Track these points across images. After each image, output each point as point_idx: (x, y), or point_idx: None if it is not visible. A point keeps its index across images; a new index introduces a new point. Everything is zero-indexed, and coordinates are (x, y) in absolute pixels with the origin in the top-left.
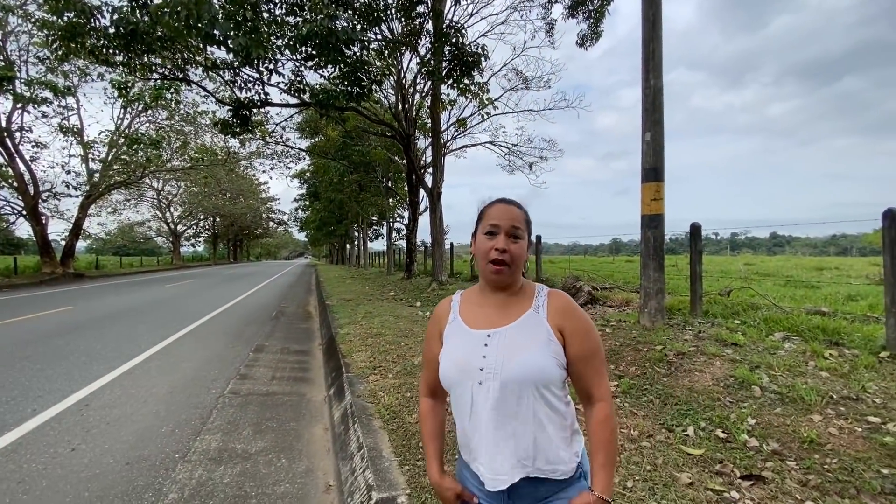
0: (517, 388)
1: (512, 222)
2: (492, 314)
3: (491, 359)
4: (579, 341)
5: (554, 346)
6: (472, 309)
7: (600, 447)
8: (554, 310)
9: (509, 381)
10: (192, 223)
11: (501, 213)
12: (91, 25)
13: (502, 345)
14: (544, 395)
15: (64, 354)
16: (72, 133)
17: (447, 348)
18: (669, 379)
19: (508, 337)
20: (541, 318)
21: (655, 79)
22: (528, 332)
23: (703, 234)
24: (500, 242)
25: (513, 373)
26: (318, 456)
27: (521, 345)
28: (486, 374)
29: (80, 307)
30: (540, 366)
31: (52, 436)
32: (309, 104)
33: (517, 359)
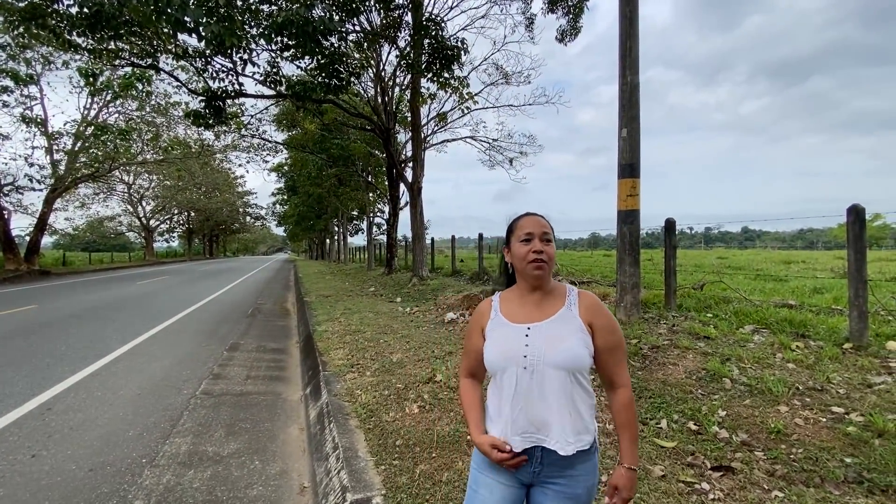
0: (556, 372)
1: (542, 229)
2: (530, 311)
3: (533, 348)
4: (606, 335)
5: (585, 338)
6: (511, 307)
7: (626, 427)
8: (584, 307)
9: (552, 367)
10: (166, 218)
11: (533, 223)
12: (53, 8)
13: (542, 336)
14: (578, 378)
15: (25, 356)
16: (35, 123)
17: (492, 340)
18: (644, 372)
19: (547, 330)
20: (573, 314)
21: (632, 75)
22: (564, 326)
23: (677, 229)
24: (536, 245)
25: (556, 359)
26: (293, 457)
27: (560, 336)
28: (530, 360)
29: (45, 306)
30: (578, 354)
31: (12, 442)
32: (285, 96)
33: (559, 347)
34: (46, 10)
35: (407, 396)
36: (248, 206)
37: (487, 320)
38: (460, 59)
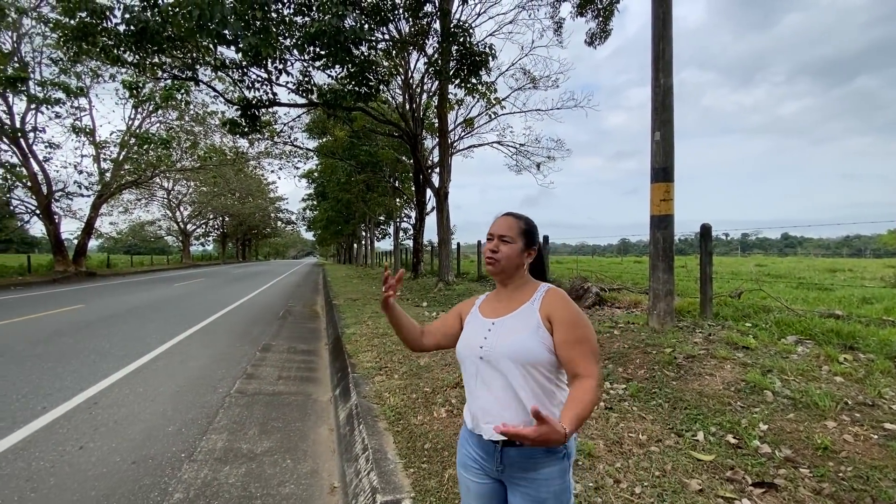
0: (506, 363)
1: (501, 231)
2: (499, 307)
3: (490, 340)
4: (565, 329)
5: (542, 332)
6: (488, 303)
7: (578, 400)
8: (547, 303)
9: (501, 358)
10: (202, 222)
11: (498, 224)
12: (102, 25)
13: (500, 330)
14: (531, 372)
15: (74, 353)
16: (84, 133)
17: (464, 332)
18: (679, 382)
19: (506, 324)
20: (534, 309)
21: (665, 78)
22: (521, 320)
23: (713, 235)
24: (492, 245)
25: (503, 350)
26: (324, 457)
27: (514, 329)
28: (485, 351)
29: (91, 305)
30: (526, 346)
31: (61, 434)
32: (317, 104)
33: (508, 340)
34: (96, 27)
35: (435, 400)
36: (280, 212)
37: (468, 313)
38: (488, 65)
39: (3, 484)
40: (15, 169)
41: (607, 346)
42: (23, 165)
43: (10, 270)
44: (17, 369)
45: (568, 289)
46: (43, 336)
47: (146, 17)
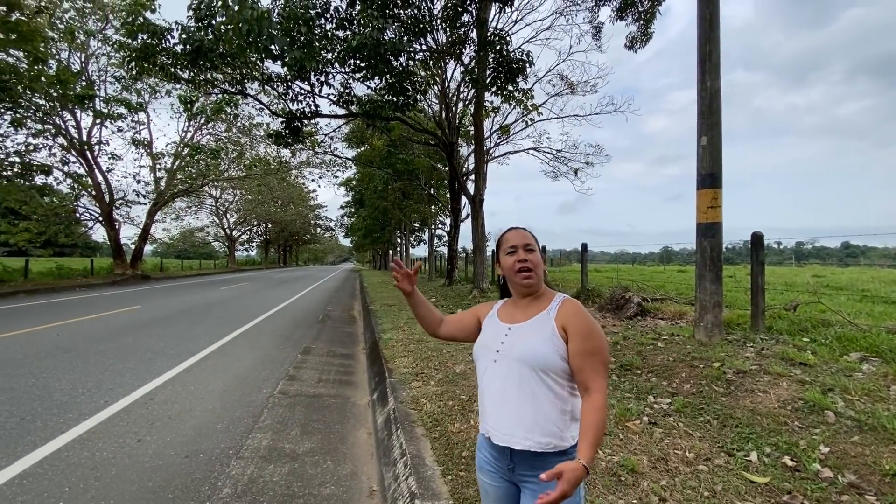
0: (519, 367)
1: (524, 241)
2: (517, 314)
3: (506, 344)
4: (579, 340)
5: (556, 340)
6: (506, 310)
7: (590, 429)
8: (563, 313)
9: (514, 361)
10: (246, 229)
11: (515, 236)
12: (162, 46)
13: (516, 334)
14: (544, 378)
15: (132, 350)
16: (142, 145)
17: (482, 334)
18: (729, 399)
19: (522, 329)
20: (550, 317)
21: (712, 80)
22: (536, 327)
23: (764, 244)
24: (520, 255)
25: (517, 354)
26: (362, 460)
27: (529, 335)
28: (500, 354)
29: (146, 307)
30: (539, 352)
31: (122, 426)
32: (356, 115)
33: (524, 343)
34: (156, 48)
35: (472, 408)
36: (319, 219)
37: (486, 315)
38: (525, 72)
39: (72, 472)
40: (82, 179)
41: (650, 359)
42: (88, 176)
43: (76, 273)
44: (83, 365)
45: (608, 298)
46: (105, 334)
47: (201, 37)
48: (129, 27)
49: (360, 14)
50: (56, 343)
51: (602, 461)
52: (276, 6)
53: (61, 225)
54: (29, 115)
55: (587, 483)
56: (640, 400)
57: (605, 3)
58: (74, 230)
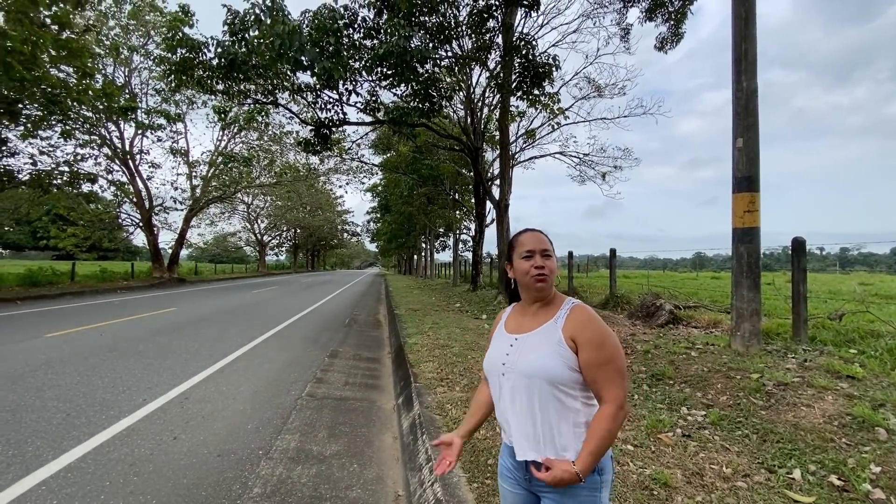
0: (526, 381)
1: (542, 245)
2: (524, 322)
3: (511, 357)
4: (590, 350)
5: (563, 351)
6: (514, 318)
7: (593, 435)
8: (571, 322)
9: (521, 375)
10: (276, 234)
11: (532, 240)
12: (198, 59)
13: (522, 347)
14: (553, 391)
15: (169, 351)
16: (180, 154)
17: (489, 349)
18: (769, 412)
19: (528, 341)
20: (557, 327)
21: (748, 80)
22: (542, 338)
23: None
24: (537, 261)
25: (523, 368)
26: (388, 464)
27: (534, 347)
28: (507, 368)
29: (182, 309)
30: (544, 365)
31: (158, 424)
32: (383, 122)
33: (527, 358)
34: (194, 61)
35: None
36: (346, 224)
37: (495, 330)
38: (551, 76)
39: (112, 467)
40: (124, 186)
41: (683, 369)
42: (130, 183)
43: (118, 276)
44: (123, 364)
45: (638, 305)
46: (144, 335)
47: (235, 50)
48: (168, 42)
49: (386, 23)
50: (99, 342)
51: (633, 474)
52: (306, 19)
53: (105, 230)
54: (77, 127)
55: (618, 496)
56: (672, 411)
57: (634, 5)
58: (117, 235)
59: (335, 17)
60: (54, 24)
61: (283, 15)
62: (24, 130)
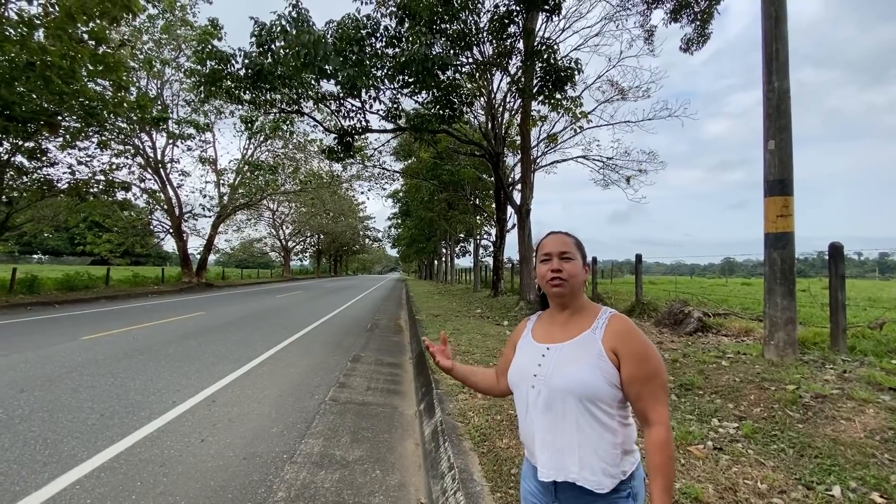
0: (561, 396)
1: (561, 248)
2: (555, 331)
3: (544, 368)
4: (634, 364)
5: (604, 364)
6: (541, 326)
7: (658, 471)
8: (611, 332)
9: (555, 390)
10: (301, 240)
11: (552, 242)
12: (227, 70)
13: (556, 358)
14: (590, 408)
15: (197, 354)
16: (208, 163)
17: (516, 357)
18: (806, 426)
19: (563, 352)
20: (596, 338)
21: (780, 80)
22: (580, 350)
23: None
24: (554, 264)
25: (558, 382)
26: (410, 471)
27: (572, 359)
28: (538, 379)
29: (210, 313)
30: (584, 380)
31: (187, 426)
32: (405, 129)
33: (564, 370)
34: (222, 73)
35: None
36: (367, 230)
37: (520, 337)
38: (573, 80)
39: (143, 467)
40: (156, 194)
41: (714, 379)
42: (161, 191)
43: (149, 280)
44: (155, 366)
45: (665, 312)
46: (174, 338)
47: (261, 61)
48: (199, 55)
49: (408, 31)
50: (132, 345)
51: None
52: (330, 29)
53: (138, 236)
54: (112, 138)
55: None
56: (702, 423)
57: (658, 6)
58: (148, 241)
59: (358, 26)
60: (91, 40)
61: (308, 26)
62: (63, 141)
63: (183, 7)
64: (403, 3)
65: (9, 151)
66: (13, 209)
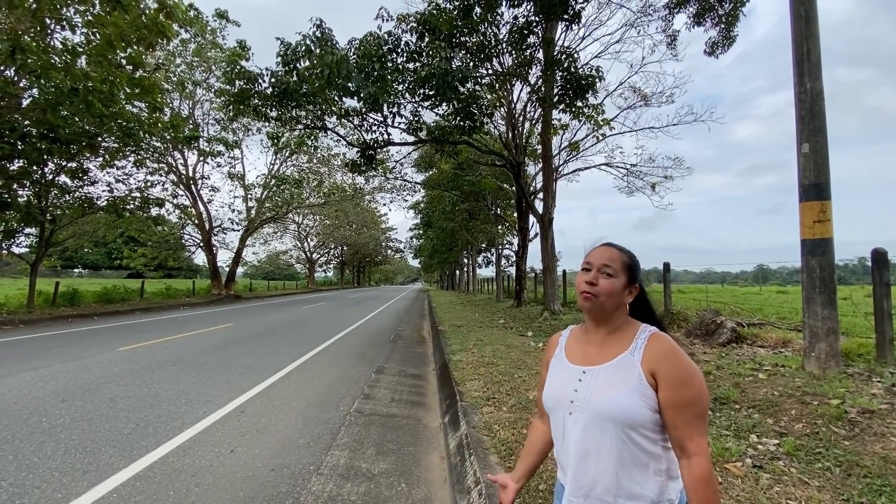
0: (600, 423)
1: (603, 261)
2: (591, 352)
3: (581, 393)
4: (672, 389)
5: (644, 389)
6: (576, 345)
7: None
8: (650, 354)
9: (594, 417)
10: (325, 252)
11: (596, 254)
12: (255, 89)
13: (594, 382)
14: (631, 435)
15: (226, 365)
16: (237, 178)
17: (549, 378)
18: (853, 443)
19: (601, 376)
20: (635, 360)
21: (812, 81)
22: (619, 373)
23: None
24: (590, 276)
25: (598, 409)
26: (435, 485)
27: (611, 384)
28: (576, 406)
29: (238, 324)
30: (624, 407)
31: (217, 436)
32: (426, 141)
33: (604, 397)
34: (250, 91)
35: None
36: (390, 241)
37: (552, 356)
38: (595, 88)
39: (176, 477)
40: (187, 209)
41: (750, 392)
42: (192, 206)
43: (181, 293)
44: (186, 377)
45: (696, 323)
46: (204, 349)
47: (287, 80)
48: (228, 75)
49: (428, 46)
50: (165, 356)
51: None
52: (353, 47)
53: (170, 250)
54: (147, 157)
55: None
56: (740, 439)
57: (681, 10)
58: (180, 254)
59: (380, 43)
60: (129, 65)
61: (332, 45)
62: (102, 161)
63: (213, 31)
64: (424, 19)
65: (53, 172)
66: (56, 226)
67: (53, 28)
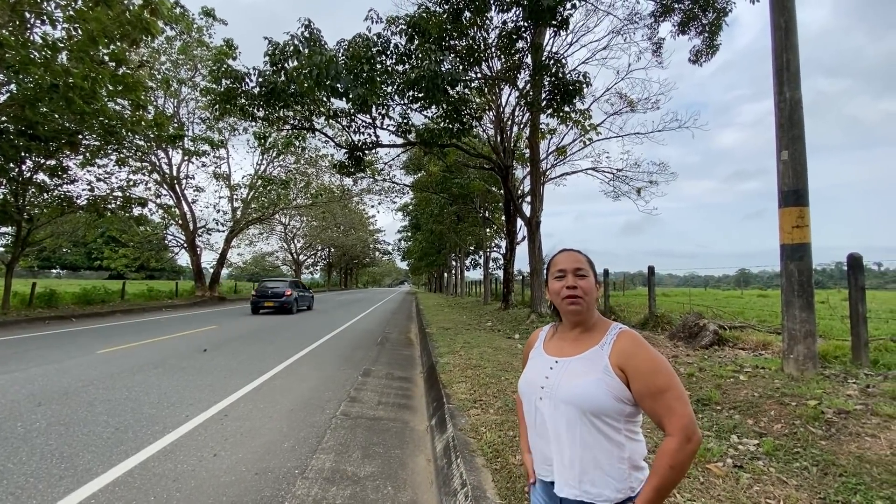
0: (566, 409)
1: (575, 265)
2: (565, 346)
3: (552, 380)
4: (644, 379)
5: (610, 380)
6: (553, 340)
7: (655, 471)
8: (618, 350)
9: (560, 402)
10: (312, 253)
11: (566, 259)
12: (241, 89)
13: (563, 371)
14: (594, 422)
15: (209, 368)
16: (222, 178)
17: (527, 368)
18: (829, 442)
19: (570, 366)
20: (603, 354)
21: (791, 91)
22: (587, 365)
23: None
24: (569, 281)
25: (564, 395)
26: (422, 488)
27: (578, 374)
28: (546, 391)
29: (223, 327)
30: (588, 394)
31: (200, 440)
32: (415, 143)
33: (570, 384)
34: (237, 91)
35: None
36: (378, 243)
37: (532, 348)
38: (582, 94)
39: (157, 482)
40: (171, 209)
41: (731, 394)
42: (176, 206)
43: (163, 294)
44: (168, 380)
45: (679, 325)
46: (187, 352)
47: (275, 79)
48: (214, 74)
49: (418, 48)
50: (147, 359)
51: None
52: (341, 48)
53: (153, 251)
54: (130, 155)
55: None
56: (721, 439)
57: (666, 19)
58: (163, 255)
59: (369, 45)
60: (112, 61)
61: (321, 46)
62: (83, 159)
63: (199, 29)
64: (413, 22)
65: (31, 169)
66: (33, 225)
67: (33, 22)
